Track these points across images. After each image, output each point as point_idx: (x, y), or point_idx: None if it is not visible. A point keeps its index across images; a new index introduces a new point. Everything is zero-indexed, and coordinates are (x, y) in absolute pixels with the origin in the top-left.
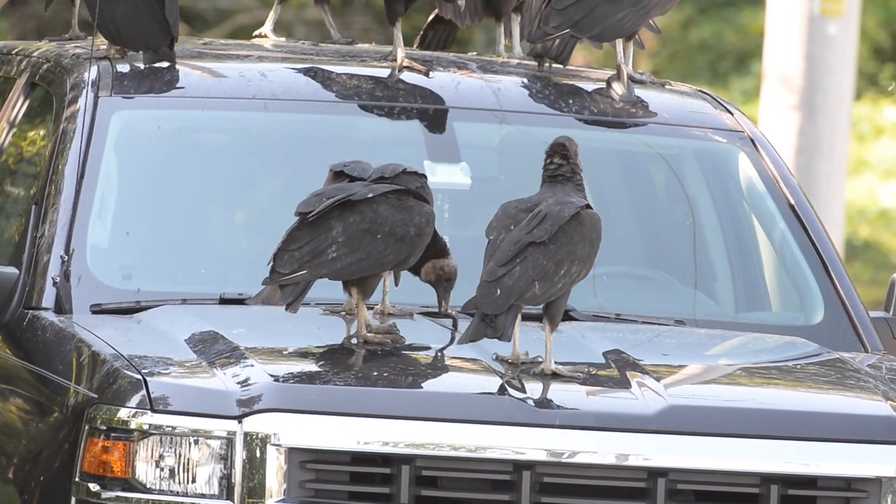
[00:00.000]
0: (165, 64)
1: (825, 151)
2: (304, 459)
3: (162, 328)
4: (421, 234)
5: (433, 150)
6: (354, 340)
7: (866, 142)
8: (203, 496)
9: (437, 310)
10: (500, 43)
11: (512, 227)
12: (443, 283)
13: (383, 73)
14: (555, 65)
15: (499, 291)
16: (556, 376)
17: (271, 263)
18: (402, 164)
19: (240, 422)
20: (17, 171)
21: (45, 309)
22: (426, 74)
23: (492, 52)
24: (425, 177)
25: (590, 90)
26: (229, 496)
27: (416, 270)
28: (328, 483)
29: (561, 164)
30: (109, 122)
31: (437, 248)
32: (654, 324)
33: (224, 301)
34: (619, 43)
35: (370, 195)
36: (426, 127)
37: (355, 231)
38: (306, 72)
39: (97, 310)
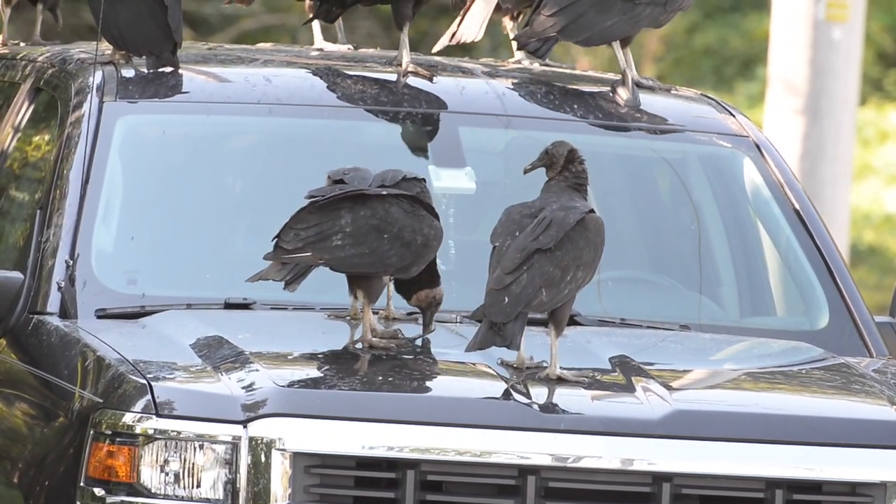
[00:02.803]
0: (170, 69)
1: (830, 156)
2: (309, 464)
3: (167, 333)
4: (427, 245)
5: (438, 154)
6: (359, 345)
7: (871, 146)
8: (208, 501)
9: (424, 327)
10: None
11: (517, 233)
12: (432, 308)
13: (388, 77)
14: (535, 59)
15: (506, 299)
16: (561, 381)
17: (276, 239)
18: (402, 171)
19: (245, 426)
20: (22, 175)
21: (50, 314)
22: (431, 79)
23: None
24: (424, 180)
25: (595, 95)
26: (234, 501)
27: (407, 294)
28: (333, 488)
29: (586, 170)
30: (114, 126)
31: (432, 277)
32: (659, 328)
33: (229, 306)
34: (618, 49)
35: (384, 192)
36: (431, 131)
37: (363, 225)
38: (311, 76)
39: (102, 314)
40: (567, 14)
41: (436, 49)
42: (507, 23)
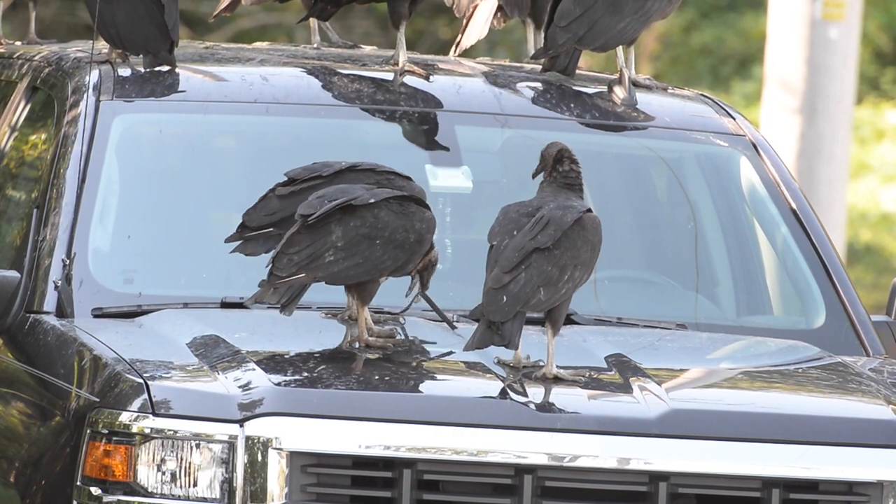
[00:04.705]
0: (166, 68)
1: (826, 155)
2: (305, 463)
3: (163, 332)
4: (421, 241)
5: (435, 153)
6: (356, 344)
7: (867, 145)
8: (205, 500)
9: (415, 298)
10: (531, 43)
11: (515, 232)
12: (429, 269)
13: (385, 76)
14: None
15: (505, 298)
16: (557, 380)
17: (270, 266)
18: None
19: (241, 426)
20: (19, 174)
21: (47, 313)
22: (427, 78)
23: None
24: (372, 169)
25: (592, 94)
26: (231, 500)
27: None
28: (330, 487)
29: (579, 171)
30: (111, 125)
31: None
32: (656, 328)
33: (225, 305)
34: (621, 47)
35: (372, 200)
36: (428, 130)
37: (355, 236)
38: (308, 75)
39: (99, 313)
40: (582, 23)
41: (454, 55)
42: (529, 31)
